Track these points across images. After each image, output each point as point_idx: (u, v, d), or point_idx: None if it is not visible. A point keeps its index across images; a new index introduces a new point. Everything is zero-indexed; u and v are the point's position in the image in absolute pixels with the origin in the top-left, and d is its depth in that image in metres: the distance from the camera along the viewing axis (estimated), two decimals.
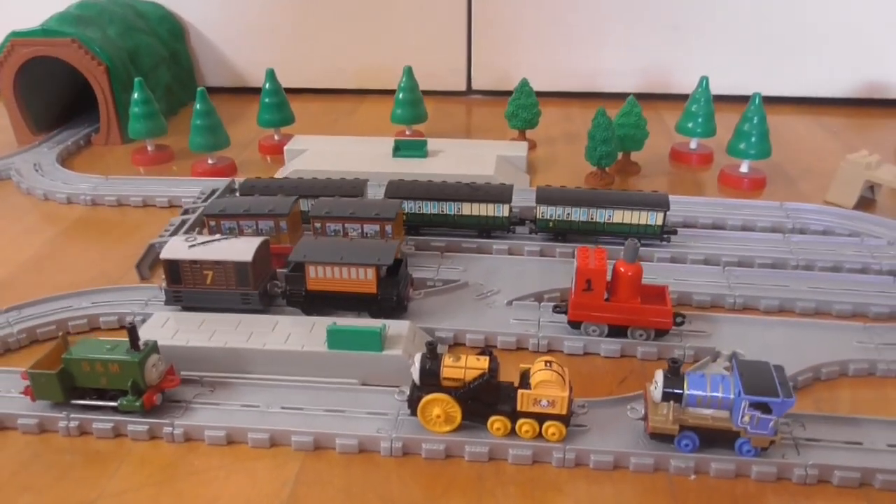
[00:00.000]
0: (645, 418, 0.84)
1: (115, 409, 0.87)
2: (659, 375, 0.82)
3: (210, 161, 1.61)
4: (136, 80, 1.62)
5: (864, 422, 0.86)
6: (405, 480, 0.81)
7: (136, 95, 1.61)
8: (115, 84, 1.74)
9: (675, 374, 0.82)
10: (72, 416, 0.88)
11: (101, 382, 0.87)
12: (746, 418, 0.79)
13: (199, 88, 1.57)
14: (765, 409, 0.78)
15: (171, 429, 0.86)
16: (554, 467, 0.82)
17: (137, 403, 0.86)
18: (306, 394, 0.92)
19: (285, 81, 1.73)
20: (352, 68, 2.15)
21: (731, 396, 0.80)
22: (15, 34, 1.69)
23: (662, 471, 0.82)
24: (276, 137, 1.75)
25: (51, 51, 1.69)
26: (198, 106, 1.56)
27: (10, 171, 1.61)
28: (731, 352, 0.97)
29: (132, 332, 0.87)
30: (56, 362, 0.88)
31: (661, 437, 0.82)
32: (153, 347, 0.88)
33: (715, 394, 0.80)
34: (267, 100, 1.70)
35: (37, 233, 1.38)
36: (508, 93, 1.72)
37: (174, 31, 2.07)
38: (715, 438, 0.81)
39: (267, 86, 1.69)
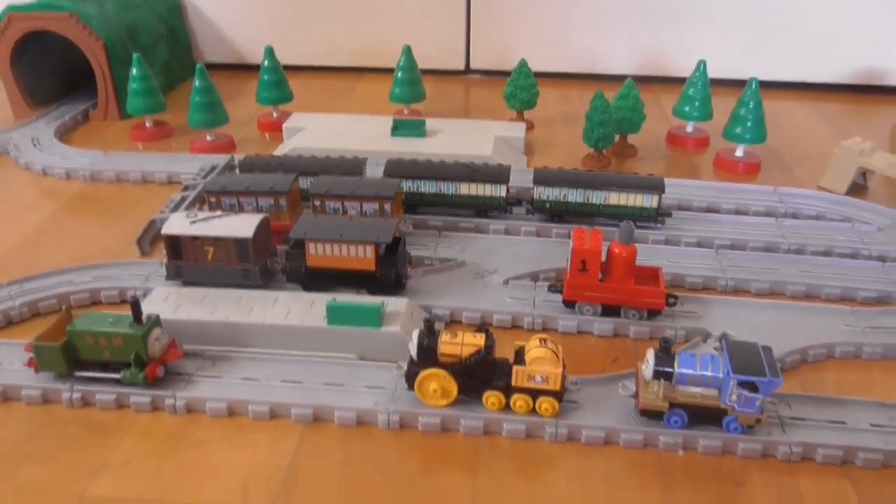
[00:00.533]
0: (636, 396, 0.86)
1: (118, 382, 0.89)
2: (650, 354, 0.84)
3: (209, 138, 1.62)
4: (135, 56, 1.62)
5: (849, 402, 0.88)
6: (402, 453, 0.83)
7: (134, 71, 1.61)
8: (113, 60, 1.73)
9: (666, 354, 0.84)
10: (75, 387, 0.89)
11: (105, 355, 0.88)
12: (734, 397, 0.81)
13: (198, 65, 1.57)
14: (752, 388, 0.80)
15: (173, 400, 0.88)
16: (546, 442, 0.85)
17: (140, 376, 0.88)
18: (306, 368, 0.93)
19: (284, 59, 1.73)
20: (351, 47, 2.14)
21: (720, 375, 0.82)
22: (12, 8, 1.68)
23: (652, 446, 0.84)
24: (274, 115, 1.75)
25: (48, 25, 1.68)
26: (197, 83, 1.56)
27: (8, 146, 1.61)
28: (722, 332, 0.99)
29: (135, 305, 0.88)
30: (60, 335, 0.89)
31: (651, 414, 0.84)
32: (156, 321, 0.89)
33: (704, 373, 0.82)
34: (266, 77, 1.70)
35: (35, 208, 1.38)
36: (507, 73, 1.72)
37: (172, 8, 2.05)
38: (703, 416, 0.83)
39: (266, 63, 1.69)
